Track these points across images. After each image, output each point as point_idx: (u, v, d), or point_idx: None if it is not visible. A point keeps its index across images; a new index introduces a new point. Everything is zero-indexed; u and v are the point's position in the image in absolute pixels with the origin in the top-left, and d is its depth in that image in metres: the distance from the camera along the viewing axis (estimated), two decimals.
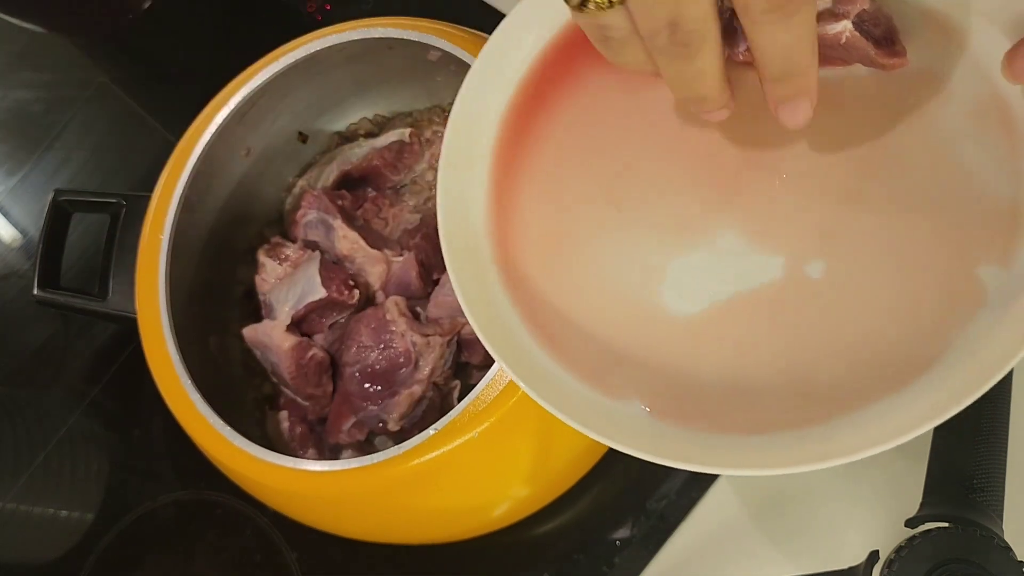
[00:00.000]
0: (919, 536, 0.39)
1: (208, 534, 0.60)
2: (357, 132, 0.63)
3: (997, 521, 0.41)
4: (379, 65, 0.59)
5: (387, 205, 0.59)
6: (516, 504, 0.52)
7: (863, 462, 0.52)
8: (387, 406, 0.51)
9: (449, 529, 0.53)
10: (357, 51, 0.56)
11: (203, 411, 0.49)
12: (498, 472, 0.48)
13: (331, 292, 0.53)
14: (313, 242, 0.57)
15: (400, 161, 0.60)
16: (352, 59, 0.57)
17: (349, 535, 0.53)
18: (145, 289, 0.53)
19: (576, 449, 0.51)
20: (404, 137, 0.60)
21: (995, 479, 0.42)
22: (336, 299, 0.53)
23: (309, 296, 0.53)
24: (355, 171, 0.60)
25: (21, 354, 0.69)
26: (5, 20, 0.80)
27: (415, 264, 0.55)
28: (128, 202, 0.60)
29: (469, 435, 0.44)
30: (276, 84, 0.56)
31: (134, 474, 0.63)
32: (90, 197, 0.62)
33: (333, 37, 0.54)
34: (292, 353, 0.53)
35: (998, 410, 0.44)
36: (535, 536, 0.55)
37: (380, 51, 0.56)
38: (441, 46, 0.52)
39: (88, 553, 0.62)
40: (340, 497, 0.48)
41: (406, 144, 0.60)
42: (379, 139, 0.61)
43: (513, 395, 0.45)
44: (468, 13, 0.67)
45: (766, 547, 0.52)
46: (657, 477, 0.54)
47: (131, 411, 0.65)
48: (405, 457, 0.45)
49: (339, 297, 0.53)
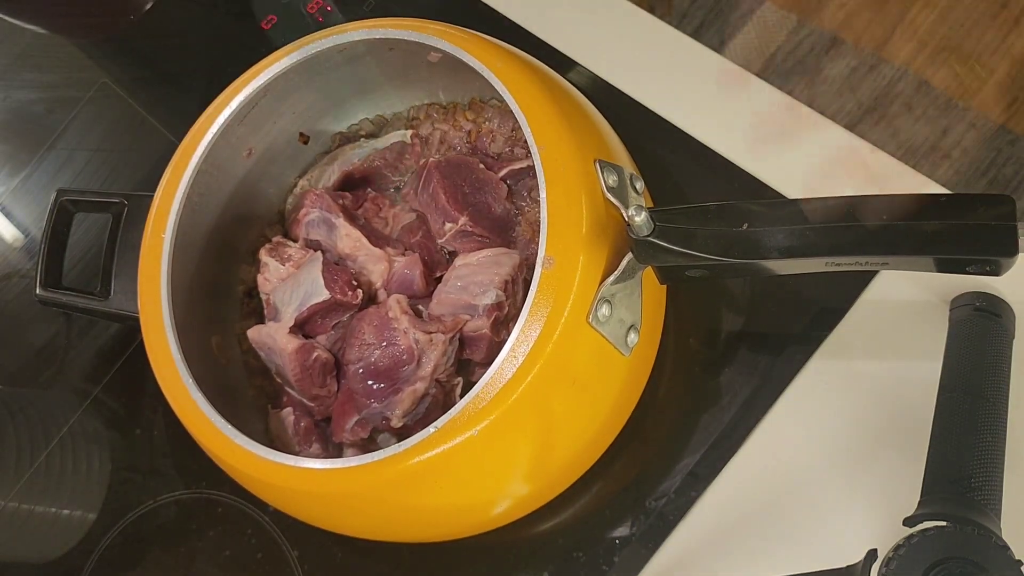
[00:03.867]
0: (917, 535, 0.39)
1: (209, 533, 0.60)
2: (358, 133, 0.63)
3: (995, 520, 0.41)
4: (380, 66, 0.59)
5: (387, 205, 0.60)
6: (516, 502, 0.52)
7: (862, 462, 0.52)
8: (390, 403, 0.52)
9: (450, 527, 0.53)
10: (358, 52, 0.56)
11: (205, 409, 0.49)
12: (499, 470, 0.49)
13: (335, 293, 0.53)
14: (315, 241, 0.58)
15: (401, 162, 0.60)
16: (353, 60, 0.57)
17: (350, 533, 0.53)
18: (147, 288, 0.53)
19: (576, 447, 0.51)
20: (405, 138, 0.60)
21: (993, 478, 0.42)
22: (340, 300, 0.53)
23: (313, 298, 0.53)
24: (356, 172, 0.61)
25: (23, 353, 0.69)
26: (7, 21, 0.80)
27: (419, 263, 0.55)
28: (130, 202, 0.60)
29: (469, 433, 0.44)
30: (277, 85, 0.56)
31: (136, 473, 0.64)
32: (92, 197, 0.63)
33: (334, 38, 0.55)
34: (296, 356, 0.54)
35: (996, 409, 0.44)
36: (535, 534, 0.55)
37: (381, 52, 0.56)
38: (442, 47, 0.52)
39: (90, 552, 0.62)
40: (341, 495, 0.48)
41: (407, 145, 0.60)
42: (380, 140, 0.61)
43: (513, 392, 0.45)
44: (468, 14, 0.68)
45: (765, 546, 0.52)
46: (657, 475, 0.55)
47: (133, 410, 0.65)
48: (406, 455, 0.45)
49: (343, 298, 0.53)
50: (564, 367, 0.46)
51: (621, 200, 0.46)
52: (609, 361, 0.49)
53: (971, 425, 0.43)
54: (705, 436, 0.55)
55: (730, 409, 0.55)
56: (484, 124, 0.60)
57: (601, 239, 0.47)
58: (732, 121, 0.60)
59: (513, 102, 0.49)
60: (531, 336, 0.45)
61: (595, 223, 0.47)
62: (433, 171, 0.56)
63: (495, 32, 0.65)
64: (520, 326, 0.45)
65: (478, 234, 0.56)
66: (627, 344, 0.49)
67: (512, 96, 0.49)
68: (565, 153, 0.47)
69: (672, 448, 0.55)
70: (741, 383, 0.55)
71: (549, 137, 0.48)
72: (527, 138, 0.48)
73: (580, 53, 0.64)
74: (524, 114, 0.48)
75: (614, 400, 0.51)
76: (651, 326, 0.52)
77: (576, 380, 0.48)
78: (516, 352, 0.45)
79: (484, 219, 0.56)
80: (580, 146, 0.48)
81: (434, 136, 0.61)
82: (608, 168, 0.47)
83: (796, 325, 0.55)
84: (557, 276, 0.45)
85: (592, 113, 0.54)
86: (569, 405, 0.48)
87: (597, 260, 0.46)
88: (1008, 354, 0.48)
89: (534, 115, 0.48)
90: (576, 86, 0.63)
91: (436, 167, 0.56)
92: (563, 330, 0.45)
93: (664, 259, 0.45)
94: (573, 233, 0.46)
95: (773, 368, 0.55)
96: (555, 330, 0.45)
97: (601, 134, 0.53)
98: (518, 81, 0.50)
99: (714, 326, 0.57)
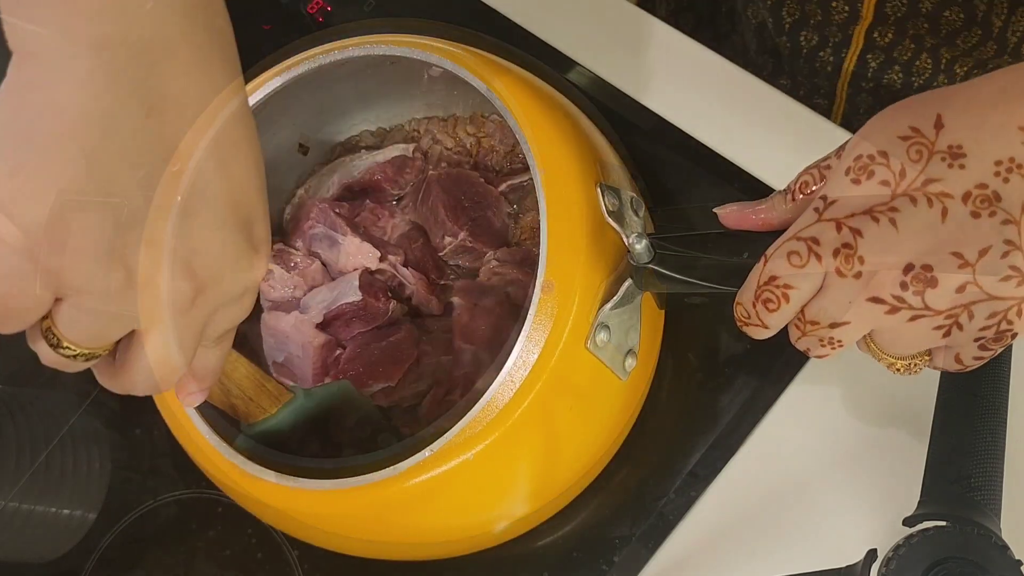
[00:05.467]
0: (917, 535, 0.39)
1: (209, 532, 0.60)
2: (358, 144, 0.63)
3: (995, 520, 0.41)
4: (381, 78, 0.59)
5: (386, 215, 0.59)
6: (513, 523, 0.52)
7: (862, 462, 0.52)
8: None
9: (446, 548, 0.53)
10: (360, 65, 0.56)
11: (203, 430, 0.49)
12: (493, 493, 0.48)
13: (367, 296, 0.53)
14: (316, 253, 0.58)
15: (401, 175, 0.60)
16: (355, 73, 0.57)
17: (344, 552, 0.53)
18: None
19: (573, 468, 0.51)
20: (407, 152, 0.60)
21: (993, 477, 0.42)
22: (371, 304, 0.54)
23: (345, 297, 0.54)
24: (356, 185, 0.60)
25: (23, 353, 0.69)
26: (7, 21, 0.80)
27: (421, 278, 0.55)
28: None
29: (465, 456, 0.44)
30: (279, 97, 0.55)
31: (136, 473, 0.64)
32: None
33: (336, 53, 0.54)
34: (321, 351, 0.54)
35: (996, 408, 0.44)
36: (534, 534, 0.55)
37: (383, 65, 0.56)
38: (443, 65, 0.51)
39: (90, 552, 0.62)
40: (334, 516, 0.48)
41: (408, 159, 0.60)
42: (380, 152, 0.61)
43: (510, 416, 0.44)
44: (468, 14, 0.67)
45: (765, 546, 0.52)
46: (657, 476, 0.55)
47: (133, 410, 0.65)
48: (400, 478, 0.45)
49: (374, 301, 0.54)
50: (561, 392, 0.46)
51: (621, 225, 0.46)
52: (606, 385, 0.49)
53: (971, 425, 0.43)
54: (705, 436, 0.55)
55: (730, 410, 0.55)
56: (485, 139, 0.60)
57: (600, 264, 0.47)
58: (733, 122, 0.60)
59: (515, 124, 0.49)
60: (528, 360, 0.45)
61: (595, 247, 0.46)
62: (433, 184, 0.56)
63: (495, 32, 0.65)
64: (518, 350, 0.45)
65: (478, 249, 0.56)
66: (624, 369, 0.49)
67: (515, 118, 0.49)
68: (566, 176, 0.47)
69: (672, 448, 0.55)
70: (741, 384, 0.55)
71: (551, 160, 0.48)
72: (528, 161, 0.48)
73: (580, 53, 0.64)
74: (526, 136, 0.48)
75: (611, 423, 0.51)
76: (648, 349, 0.52)
77: (572, 405, 0.48)
78: (513, 376, 0.45)
79: (484, 234, 0.56)
80: (582, 169, 0.48)
81: (435, 149, 0.61)
82: (609, 192, 0.47)
83: None
84: (556, 300, 0.45)
85: (593, 133, 0.54)
86: (565, 428, 0.48)
87: (596, 285, 0.46)
88: (1008, 354, 0.48)
89: (536, 137, 0.48)
90: (576, 86, 0.63)
91: (436, 180, 0.57)
92: (560, 355, 0.45)
93: (664, 286, 0.45)
94: (572, 257, 0.46)
95: (773, 368, 0.55)
96: (553, 355, 0.45)
97: (602, 156, 0.52)
98: (521, 102, 0.49)
99: (714, 327, 0.57)
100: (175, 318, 0.35)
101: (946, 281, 0.34)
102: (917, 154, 0.34)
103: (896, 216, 0.34)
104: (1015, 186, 0.33)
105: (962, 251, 0.33)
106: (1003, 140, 0.33)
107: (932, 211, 0.34)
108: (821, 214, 0.36)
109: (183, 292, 0.35)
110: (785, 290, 0.37)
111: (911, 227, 0.34)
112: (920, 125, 0.35)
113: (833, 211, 0.35)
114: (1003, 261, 0.33)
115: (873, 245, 0.34)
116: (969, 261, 0.33)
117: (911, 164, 0.34)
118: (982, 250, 0.33)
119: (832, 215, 0.35)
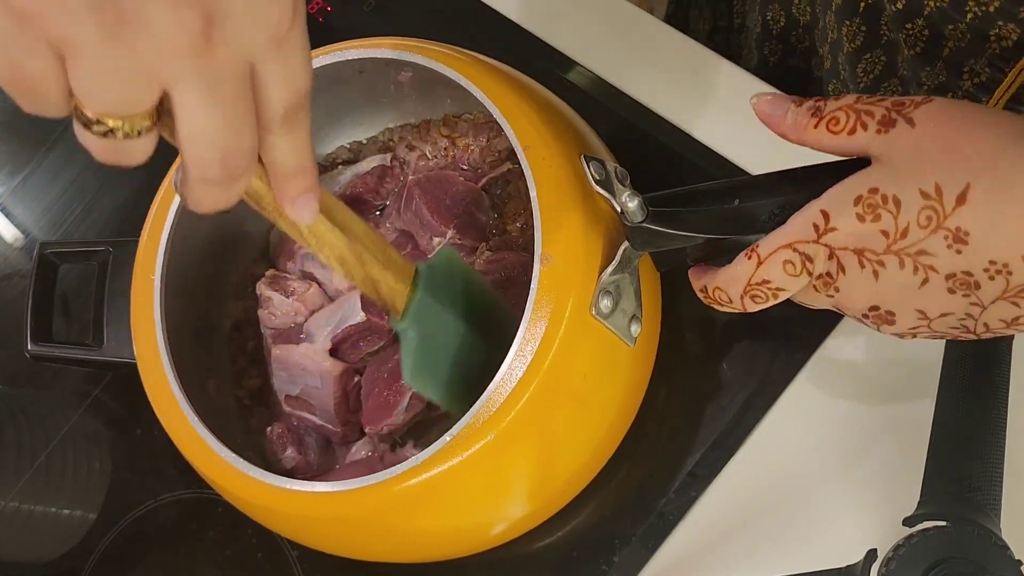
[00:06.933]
0: (917, 535, 0.39)
1: (209, 533, 0.60)
2: (335, 160, 0.63)
3: (995, 519, 0.41)
4: (350, 92, 0.58)
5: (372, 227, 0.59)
6: (516, 522, 0.52)
7: (862, 462, 0.52)
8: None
9: (446, 549, 0.53)
10: (327, 81, 0.55)
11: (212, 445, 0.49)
12: (508, 477, 0.48)
13: (371, 315, 0.53)
14: (309, 274, 0.58)
15: (382, 186, 0.60)
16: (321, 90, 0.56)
17: (344, 555, 0.53)
18: (142, 333, 0.52)
19: (588, 446, 0.51)
20: (385, 162, 0.60)
21: (993, 477, 0.42)
22: (376, 323, 0.54)
23: (349, 319, 0.54)
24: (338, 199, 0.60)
25: (23, 353, 0.69)
26: None
27: None
28: (115, 248, 0.58)
29: (460, 456, 0.44)
30: None
31: (136, 473, 0.64)
32: (76, 247, 0.61)
33: None
34: (340, 380, 0.54)
35: (995, 408, 0.44)
36: (534, 535, 0.55)
37: (350, 78, 0.56)
38: (417, 61, 0.51)
39: (90, 552, 0.62)
40: (331, 519, 0.47)
41: (387, 168, 0.60)
42: (359, 165, 0.61)
43: (507, 416, 0.44)
44: (468, 14, 0.67)
45: (765, 546, 0.52)
46: (657, 475, 0.55)
47: (133, 410, 0.65)
48: (397, 480, 0.44)
49: (378, 320, 0.54)
50: (572, 363, 0.46)
51: (610, 191, 0.46)
52: (615, 353, 0.49)
53: (971, 425, 0.43)
54: (705, 436, 0.55)
55: (729, 410, 0.55)
56: (459, 138, 0.60)
57: (595, 232, 0.47)
58: (733, 122, 0.60)
59: (493, 107, 0.49)
60: (537, 334, 0.45)
61: (587, 217, 0.46)
62: (414, 188, 0.57)
63: (495, 32, 0.65)
64: (524, 326, 0.45)
65: (468, 245, 0.56)
66: (631, 334, 0.49)
67: (491, 101, 0.49)
68: (550, 151, 0.47)
69: (672, 448, 0.55)
70: (740, 384, 0.55)
71: (532, 137, 0.48)
72: (510, 140, 0.48)
73: (580, 53, 0.64)
74: (504, 116, 0.48)
75: (622, 396, 0.51)
76: (651, 317, 0.52)
77: (586, 375, 0.47)
78: (523, 351, 0.44)
79: (471, 229, 0.56)
80: (563, 143, 0.48)
81: (411, 156, 0.61)
82: (594, 162, 0.47)
83: (796, 325, 0.55)
84: (557, 272, 0.45)
85: (568, 111, 0.54)
86: (578, 405, 0.48)
87: (594, 253, 0.46)
88: (1008, 354, 0.48)
89: (514, 117, 0.48)
90: (576, 86, 0.63)
91: (416, 184, 0.57)
92: (567, 325, 0.45)
93: (660, 243, 0.45)
94: (567, 228, 0.46)
95: (773, 368, 0.55)
96: (560, 326, 0.45)
97: (581, 130, 0.53)
98: (495, 87, 0.50)
99: (714, 328, 0.57)
100: (194, 62, 0.30)
101: (903, 324, 0.39)
102: (927, 220, 0.35)
103: (881, 271, 0.37)
104: (997, 284, 0.35)
105: (926, 311, 0.37)
106: (1007, 246, 0.35)
107: (915, 277, 0.36)
108: (819, 235, 0.38)
109: (189, 23, 0.29)
110: (776, 291, 0.40)
111: (891, 283, 0.37)
112: (945, 188, 0.35)
113: (830, 238, 0.38)
114: (960, 322, 0.37)
115: (852, 284, 0.38)
116: (929, 317, 0.38)
117: (916, 228, 0.36)
118: (944, 314, 0.37)
119: (828, 242, 0.38)
